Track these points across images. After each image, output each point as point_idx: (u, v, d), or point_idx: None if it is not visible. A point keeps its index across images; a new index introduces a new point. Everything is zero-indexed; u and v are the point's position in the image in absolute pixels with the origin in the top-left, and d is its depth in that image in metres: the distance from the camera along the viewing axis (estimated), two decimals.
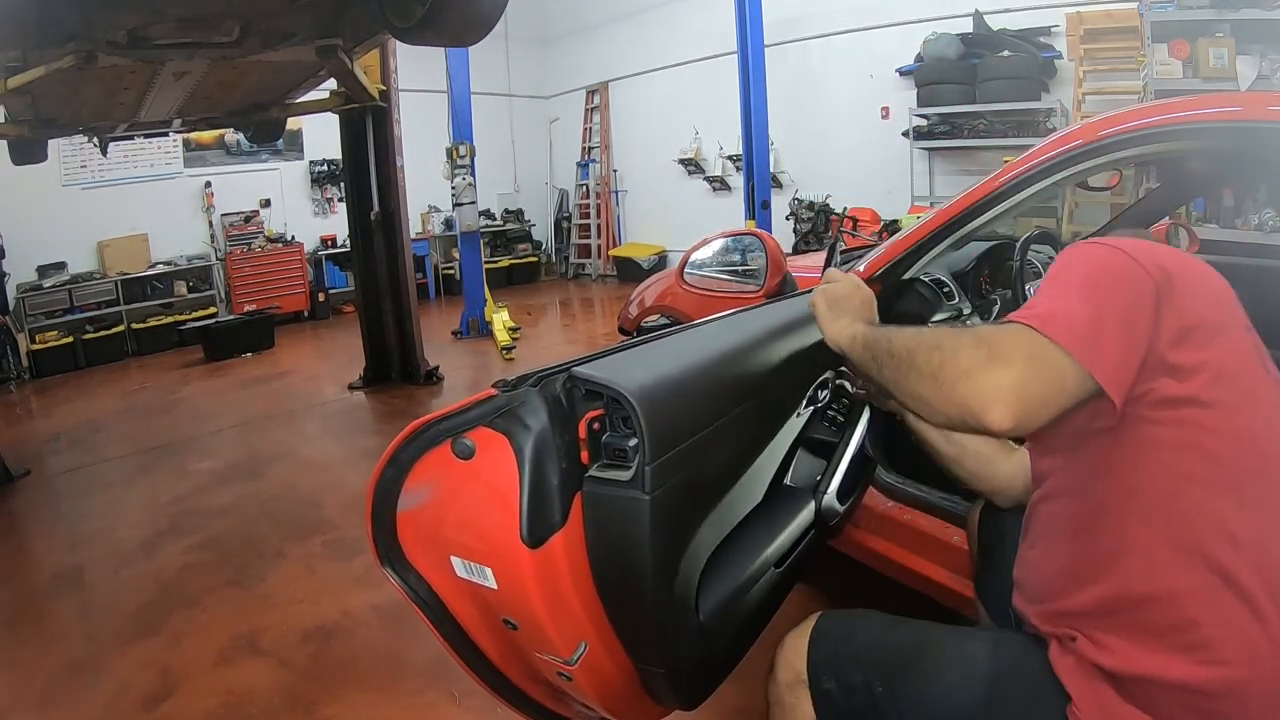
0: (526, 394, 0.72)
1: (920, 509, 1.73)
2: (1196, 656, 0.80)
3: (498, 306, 6.55)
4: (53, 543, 3.22)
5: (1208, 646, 0.79)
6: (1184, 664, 0.80)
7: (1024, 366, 0.77)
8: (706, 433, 0.89)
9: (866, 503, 1.77)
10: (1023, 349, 0.77)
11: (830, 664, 0.99)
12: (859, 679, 0.96)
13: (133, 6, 2.47)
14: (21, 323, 6.75)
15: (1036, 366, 0.77)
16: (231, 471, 3.88)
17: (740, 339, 1.08)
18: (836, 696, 0.96)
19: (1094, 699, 0.86)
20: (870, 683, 0.95)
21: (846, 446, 1.37)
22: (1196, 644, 0.80)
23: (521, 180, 10.45)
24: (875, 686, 0.94)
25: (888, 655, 0.98)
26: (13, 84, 2.88)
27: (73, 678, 2.20)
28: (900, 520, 1.77)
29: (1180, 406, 0.81)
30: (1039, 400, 0.76)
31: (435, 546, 0.79)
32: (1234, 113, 1.40)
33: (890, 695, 0.94)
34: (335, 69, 3.66)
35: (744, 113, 6.48)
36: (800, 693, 0.99)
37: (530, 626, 0.77)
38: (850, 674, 0.96)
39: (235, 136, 7.96)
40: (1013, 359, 0.77)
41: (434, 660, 2.07)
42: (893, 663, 0.96)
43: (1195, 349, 0.82)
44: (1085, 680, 0.87)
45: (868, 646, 0.99)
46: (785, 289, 1.94)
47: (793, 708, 1.00)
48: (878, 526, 1.81)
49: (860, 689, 0.95)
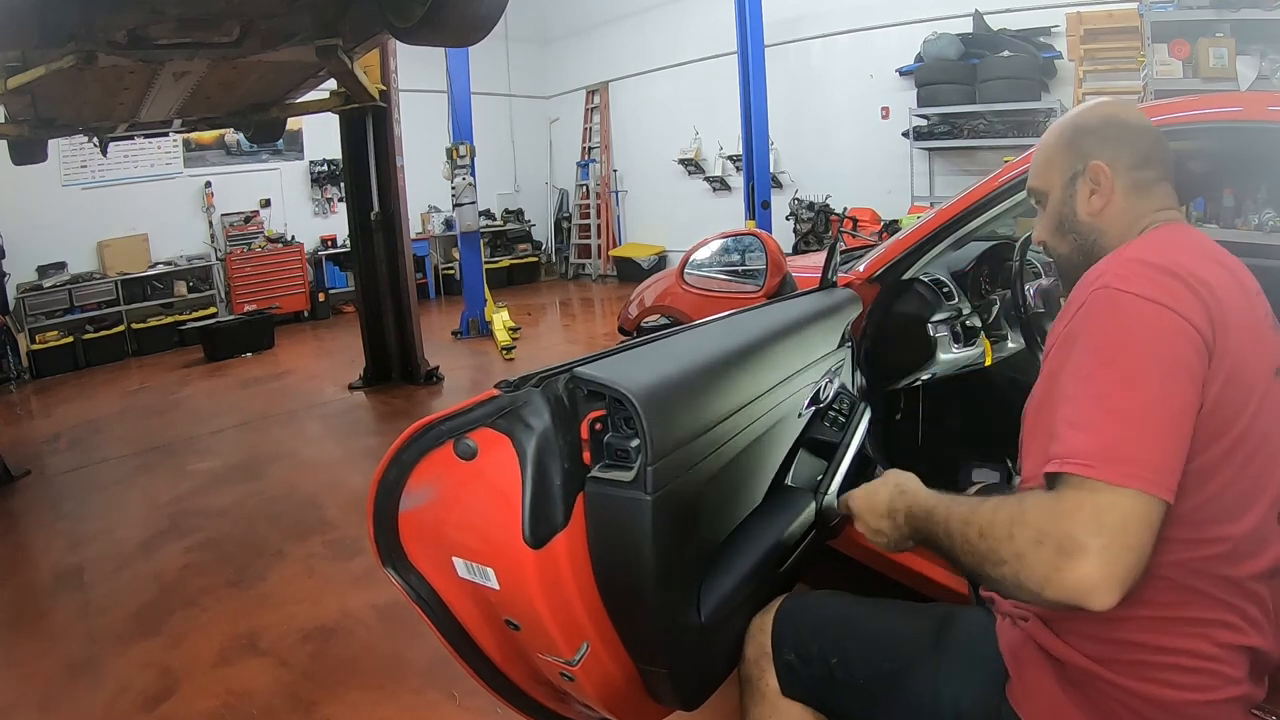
0: (529, 394, 0.72)
1: None
2: (1162, 676, 0.80)
3: (498, 306, 6.55)
4: (53, 543, 3.22)
5: (1177, 671, 0.80)
6: (1144, 681, 0.80)
7: (1103, 546, 0.69)
8: (708, 433, 0.89)
9: None
10: (1091, 526, 0.70)
11: (791, 637, 1.04)
12: (815, 650, 1.01)
13: (133, 6, 2.47)
14: (21, 323, 6.75)
15: (1115, 535, 0.69)
16: (231, 472, 3.88)
17: (741, 340, 1.08)
18: (796, 667, 1.02)
19: (1034, 681, 0.86)
20: (825, 653, 1.01)
21: (847, 447, 1.37)
22: (1167, 666, 0.80)
23: (521, 180, 10.45)
24: (830, 657, 1.00)
25: (843, 628, 1.03)
26: (13, 84, 2.88)
27: (73, 678, 2.20)
28: None
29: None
30: (1135, 561, 0.70)
31: (437, 547, 0.79)
32: (1234, 113, 1.40)
33: (844, 665, 0.99)
34: (335, 69, 3.66)
35: (744, 113, 6.48)
36: (765, 665, 1.04)
37: (532, 627, 0.77)
38: (808, 645, 1.02)
39: (235, 136, 7.95)
40: (1087, 544, 0.69)
41: (434, 660, 2.07)
42: (846, 634, 1.02)
43: (1232, 409, 0.78)
44: (1029, 662, 0.88)
45: (825, 620, 1.05)
46: (785, 289, 1.93)
47: (759, 680, 1.04)
48: None
49: (816, 659, 1.01)
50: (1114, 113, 1.02)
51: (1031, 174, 1.07)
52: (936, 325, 1.84)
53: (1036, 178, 1.06)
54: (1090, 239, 1.00)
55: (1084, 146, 1.00)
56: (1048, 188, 1.04)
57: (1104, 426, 0.73)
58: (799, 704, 1.02)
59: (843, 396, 1.45)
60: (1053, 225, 1.04)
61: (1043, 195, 1.05)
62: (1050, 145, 1.04)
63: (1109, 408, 0.74)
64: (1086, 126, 1.01)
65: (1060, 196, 1.02)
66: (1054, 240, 1.04)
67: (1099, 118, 1.02)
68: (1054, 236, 1.04)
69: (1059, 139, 1.04)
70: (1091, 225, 0.99)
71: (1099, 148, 0.99)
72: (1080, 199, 1.00)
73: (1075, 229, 1.01)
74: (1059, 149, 1.03)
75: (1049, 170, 1.04)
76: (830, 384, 1.42)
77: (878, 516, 0.95)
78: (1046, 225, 1.05)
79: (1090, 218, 0.99)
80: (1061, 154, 1.02)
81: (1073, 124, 1.03)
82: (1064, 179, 1.01)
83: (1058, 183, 1.02)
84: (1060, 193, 1.02)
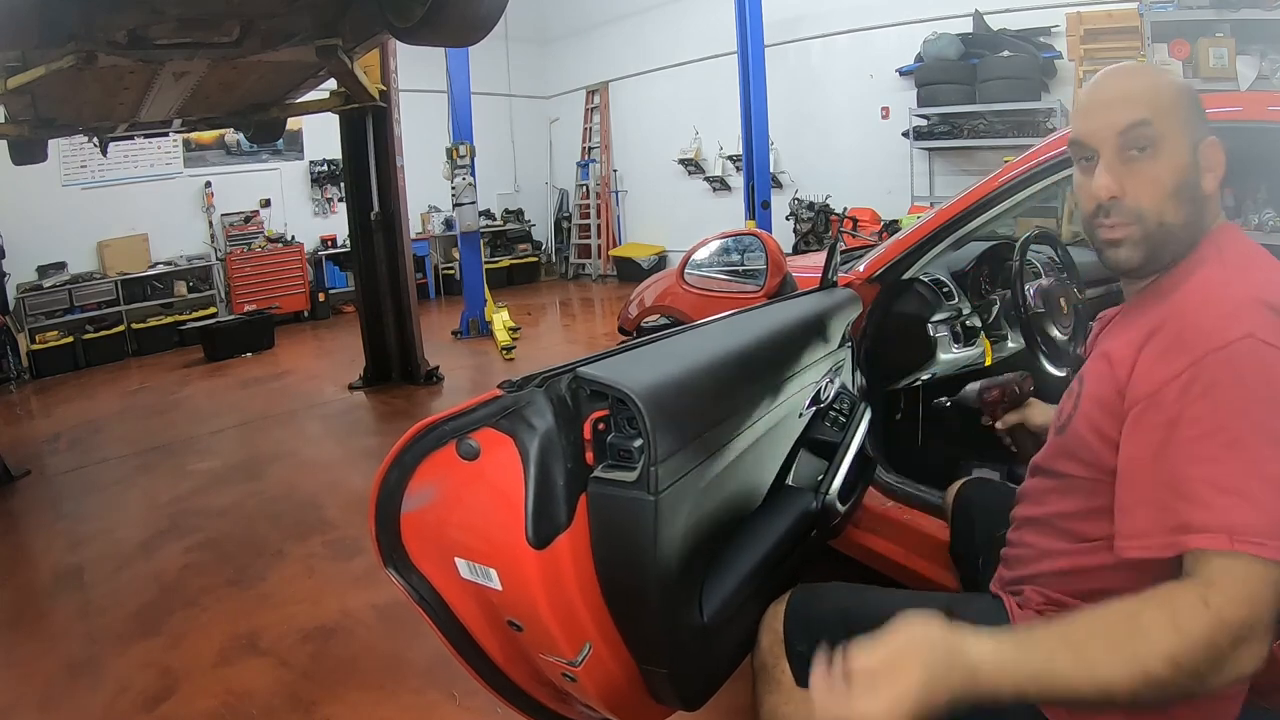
0: (532, 394, 0.72)
1: (919, 509, 1.74)
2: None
3: (498, 306, 6.54)
4: (53, 543, 3.22)
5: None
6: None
7: (1265, 624, 0.65)
8: (710, 434, 0.89)
9: (866, 503, 1.77)
10: (1252, 609, 0.65)
11: (803, 628, 1.03)
12: (826, 639, 0.98)
13: (133, 6, 2.46)
14: (21, 323, 6.75)
15: (1268, 608, 0.65)
16: (231, 472, 3.88)
17: (742, 340, 1.08)
18: (808, 657, 0.98)
19: None
20: (836, 641, 0.97)
21: (848, 447, 1.37)
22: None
23: (521, 180, 10.45)
24: (841, 645, 0.96)
25: (851, 616, 1.01)
26: (13, 84, 2.88)
27: (73, 678, 2.20)
28: (900, 520, 1.77)
29: None
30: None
31: (439, 548, 0.79)
32: (1234, 113, 1.40)
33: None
34: (335, 69, 3.66)
35: (744, 113, 6.48)
36: (779, 654, 1.03)
37: (535, 628, 0.77)
38: (819, 635, 0.98)
39: (235, 136, 7.95)
40: (1253, 627, 0.65)
41: (434, 660, 2.07)
42: (854, 623, 0.98)
43: None
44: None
45: (834, 610, 1.04)
46: (785, 289, 1.93)
47: (774, 668, 1.03)
48: (877, 526, 1.81)
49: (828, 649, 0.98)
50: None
51: (1139, 106, 0.86)
52: (936, 325, 1.84)
53: (1157, 116, 0.85)
54: (1194, 220, 0.86)
55: (1202, 119, 0.88)
56: (1169, 135, 0.85)
57: (1267, 498, 0.67)
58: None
59: (843, 396, 1.46)
60: (1172, 186, 0.85)
61: (1149, 142, 0.85)
62: (1175, 94, 0.87)
63: (1268, 475, 0.68)
64: (1198, 100, 0.89)
65: (1189, 159, 0.85)
66: (1165, 204, 0.85)
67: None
68: (1168, 200, 0.85)
69: (1187, 95, 0.88)
70: (1204, 205, 0.87)
71: (1206, 127, 0.88)
72: (1202, 170, 0.86)
73: (1195, 199, 0.86)
74: (1189, 106, 0.87)
75: (1174, 120, 0.85)
76: (831, 384, 1.42)
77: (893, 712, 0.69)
78: (1161, 181, 0.85)
79: (1206, 197, 0.87)
80: (1190, 113, 0.87)
81: (1190, 89, 0.89)
82: (1190, 140, 0.86)
83: (1184, 141, 0.86)
84: (1188, 155, 0.85)
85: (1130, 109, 0.85)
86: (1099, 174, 0.87)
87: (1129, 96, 0.86)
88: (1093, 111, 0.89)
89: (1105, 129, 0.86)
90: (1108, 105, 0.87)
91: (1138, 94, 0.86)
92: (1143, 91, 0.86)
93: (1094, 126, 0.88)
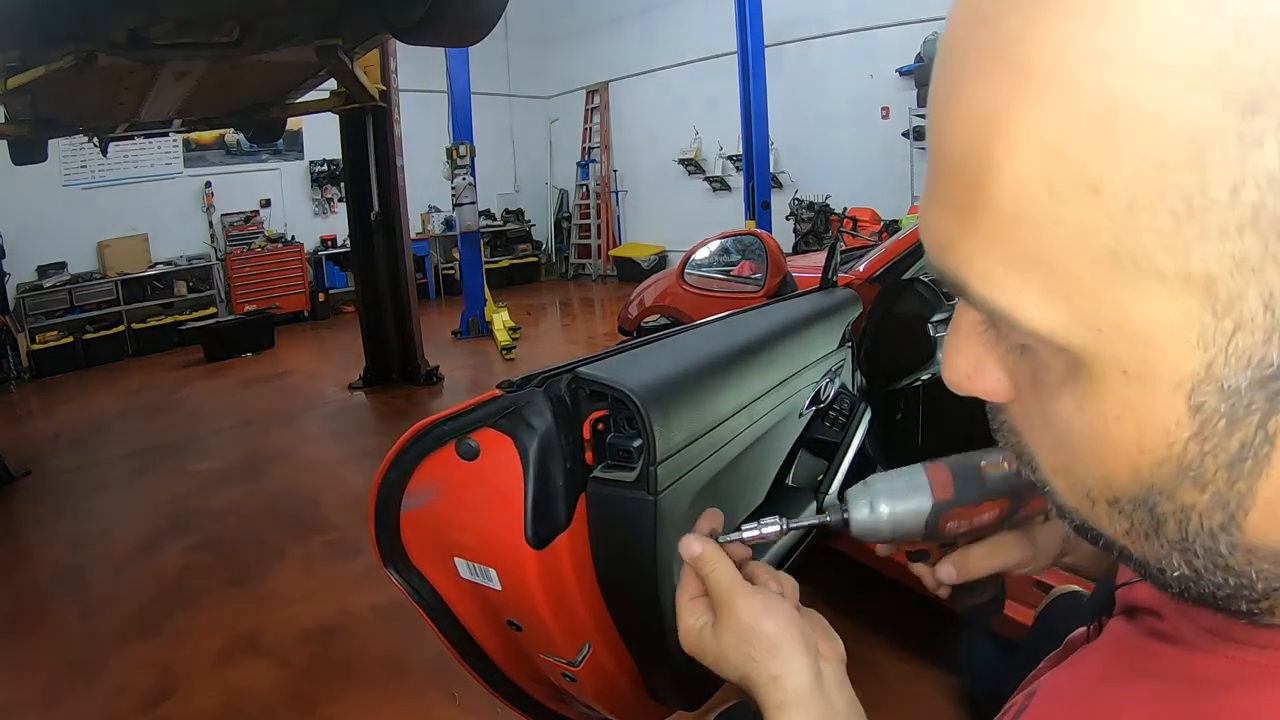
0: (531, 394, 0.72)
1: None
2: None
3: (498, 306, 6.55)
4: (53, 543, 3.22)
5: None
6: None
7: None
8: (710, 434, 0.89)
9: None
10: None
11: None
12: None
13: (133, 6, 2.46)
14: (22, 323, 6.75)
15: None
16: (232, 472, 3.88)
17: (742, 340, 1.08)
18: None
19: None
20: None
21: (848, 447, 1.37)
22: None
23: (521, 180, 10.45)
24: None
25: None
26: (13, 84, 2.88)
27: (73, 678, 2.20)
28: None
29: None
30: None
31: (439, 548, 0.79)
32: None
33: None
34: (335, 69, 3.66)
35: (744, 113, 6.49)
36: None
37: (534, 628, 0.77)
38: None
39: (235, 136, 7.95)
40: None
41: (434, 660, 2.07)
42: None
43: None
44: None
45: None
46: (785, 289, 1.93)
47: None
48: None
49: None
50: None
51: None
52: (936, 325, 1.84)
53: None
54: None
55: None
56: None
57: None
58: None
59: (843, 397, 1.45)
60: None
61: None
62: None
63: None
64: None
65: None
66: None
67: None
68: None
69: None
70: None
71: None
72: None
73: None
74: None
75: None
76: (831, 384, 1.42)
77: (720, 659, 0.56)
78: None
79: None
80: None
81: None
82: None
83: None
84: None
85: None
86: None
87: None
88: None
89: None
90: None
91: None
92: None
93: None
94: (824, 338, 1.37)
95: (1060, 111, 0.22)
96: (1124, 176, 0.21)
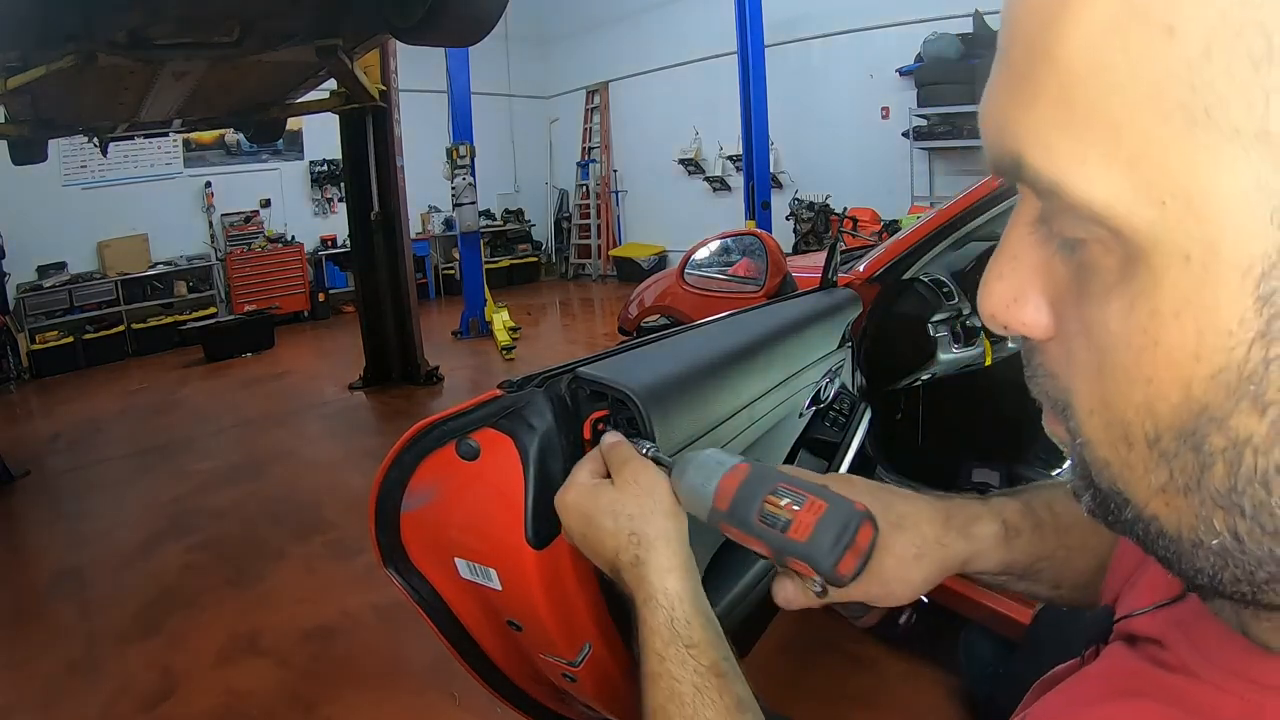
0: (531, 394, 0.72)
1: None
2: None
3: (498, 306, 6.55)
4: (53, 543, 3.22)
5: None
6: None
7: None
8: (710, 434, 0.89)
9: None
10: None
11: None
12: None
13: (133, 7, 2.46)
14: (21, 323, 6.75)
15: None
16: (231, 472, 3.88)
17: (742, 340, 1.08)
18: None
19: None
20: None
21: (848, 447, 1.37)
22: None
23: (521, 180, 10.45)
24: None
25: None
26: (13, 84, 2.88)
27: (73, 678, 2.20)
28: None
29: None
30: None
31: (439, 548, 0.78)
32: None
33: None
34: (335, 69, 3.66)
35: (744, 113, 6.49)
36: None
37: (535, 628, 0.77)
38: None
39: (235, 136, 7.95)
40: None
41: (434, 660, 2.07)
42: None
43: None
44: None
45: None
46: (785, 289, 1.93)
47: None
48: None
49: None
50: None
51: None
52: (936, 325, 1.84)
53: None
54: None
55: None
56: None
57: None
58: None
59: (843, 397, 1.45)
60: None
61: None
62: None
63: None
64: None
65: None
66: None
67: None
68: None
69: None
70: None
71: None
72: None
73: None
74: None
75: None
76: (831, 384, 1.42)
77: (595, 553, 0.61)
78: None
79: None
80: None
81: None
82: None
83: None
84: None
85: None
86: None
87: None
88: None
89: None
90: None
91: None
92: None
93: None
94: (824, 338, 1.37)
95: None
96: (1205, 14, 0.19)
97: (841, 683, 1.90)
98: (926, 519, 0.59)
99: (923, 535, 0.58)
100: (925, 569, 0.58)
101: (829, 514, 0.51)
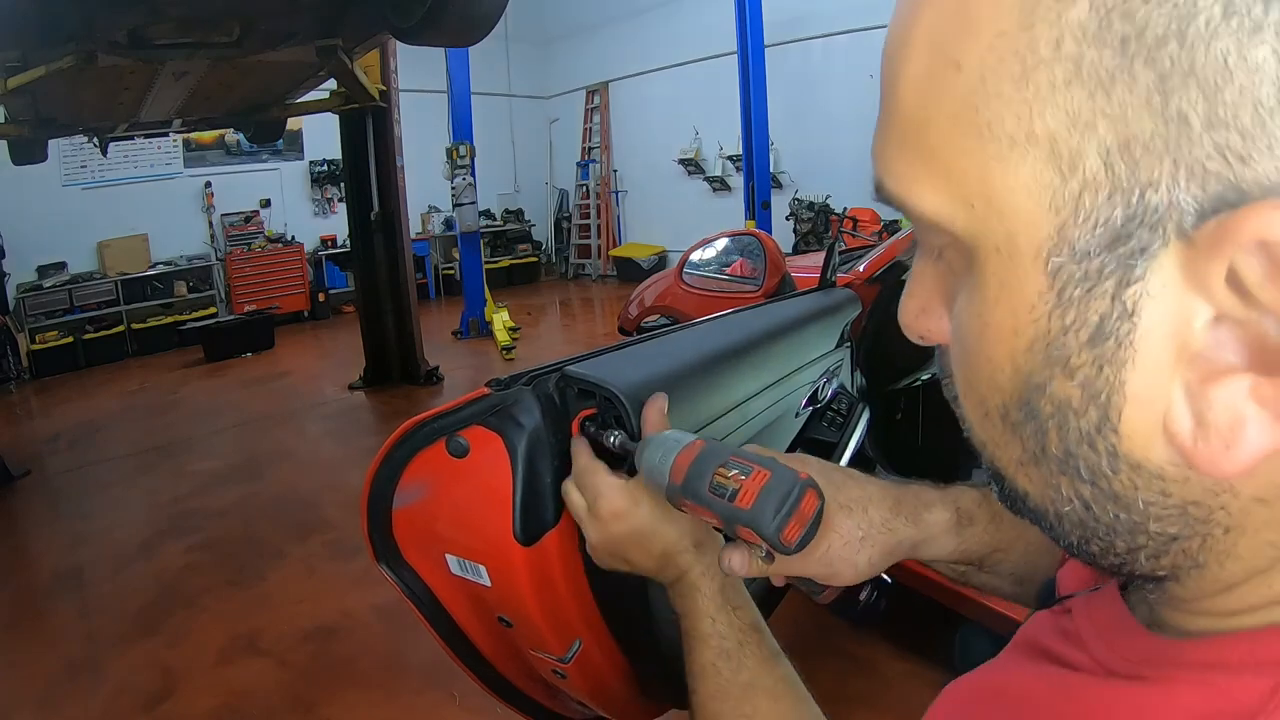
0: (519, 393, 0.72)
1: None
2: None
3: (498, 307, 6.55)
4: (53, 543, 3.23)
5: None
6: None
7: None
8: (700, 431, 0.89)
9: None
10: None
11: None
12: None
13: (133, 6, 2.47)
14: (21, 323, 6.76)
15: None
16: (231, 472, 3.89)
17: (736, 338, 1.08)
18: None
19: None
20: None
21: (846, 447, 1.37)
22: None
23: (521, 180, 10.46)
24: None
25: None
26: (13, 84, 2.89)
27: (73, 678, 2.20)
28: None
29: None
30: None
31: (430, 544, 0.79)
32: None
33: None
34: (335, 69, 3.67)
35: (744, 113, 6.49)
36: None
37: (524, 624, 0.77)
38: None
39: (235, 136, 7.97)
40: None
41: (434, 660, 2.07)
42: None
43: None
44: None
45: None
46: (784, 289, 1.93)
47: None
48: None
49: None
50: None
51: None
52: None
53: None
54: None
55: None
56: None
57: None
58: None
59: (841, 397, 1.45)
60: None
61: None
62: None
63: None
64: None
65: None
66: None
67: None
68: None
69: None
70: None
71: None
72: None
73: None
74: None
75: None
76: (829, 384, 1.42)
77: (637, 549, 0.67)
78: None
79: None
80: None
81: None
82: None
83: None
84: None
85: None
86: None
87: None
88: None
89: None
90: None
91: None
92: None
93: None
94: (821, 337, 1.37)
95: (941, 6, 0.26)
96: (978, 50, 0.24)
97: (842, 683, 1.90)
98: (875, 502, 0.61)
99: (869, 518, 0.60)
100: (869, 551, 0.60)
101: (772, 481, 0.53)
